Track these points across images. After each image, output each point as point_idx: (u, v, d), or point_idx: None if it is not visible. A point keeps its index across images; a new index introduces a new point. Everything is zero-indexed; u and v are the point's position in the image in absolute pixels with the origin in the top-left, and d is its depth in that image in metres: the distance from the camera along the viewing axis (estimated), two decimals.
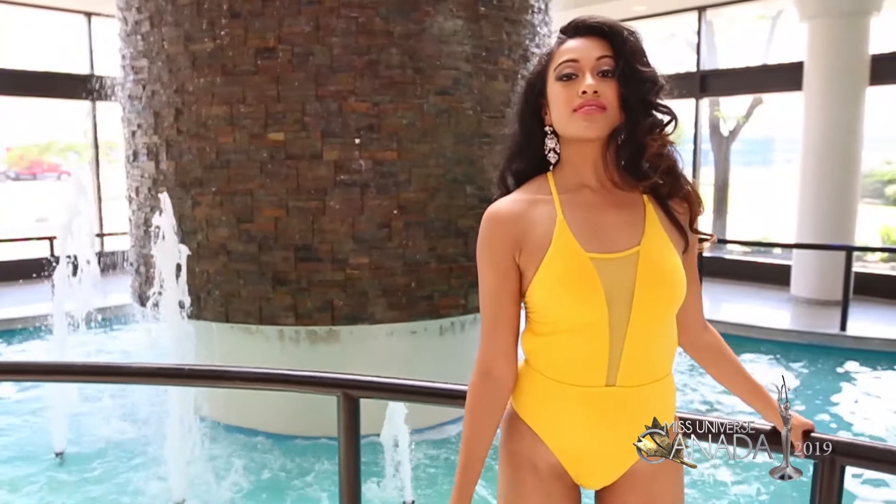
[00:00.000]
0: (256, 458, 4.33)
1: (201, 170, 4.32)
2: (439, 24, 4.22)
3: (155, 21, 4.42)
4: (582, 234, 1.30)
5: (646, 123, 1.29)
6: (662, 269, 1.30)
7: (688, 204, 1.36)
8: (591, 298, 1.27)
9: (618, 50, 1.29)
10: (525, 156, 1.40)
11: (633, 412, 1.32)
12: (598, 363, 1.30)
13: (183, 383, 2.44)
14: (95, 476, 4.08)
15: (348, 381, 2.02)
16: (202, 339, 4.86)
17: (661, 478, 1.38)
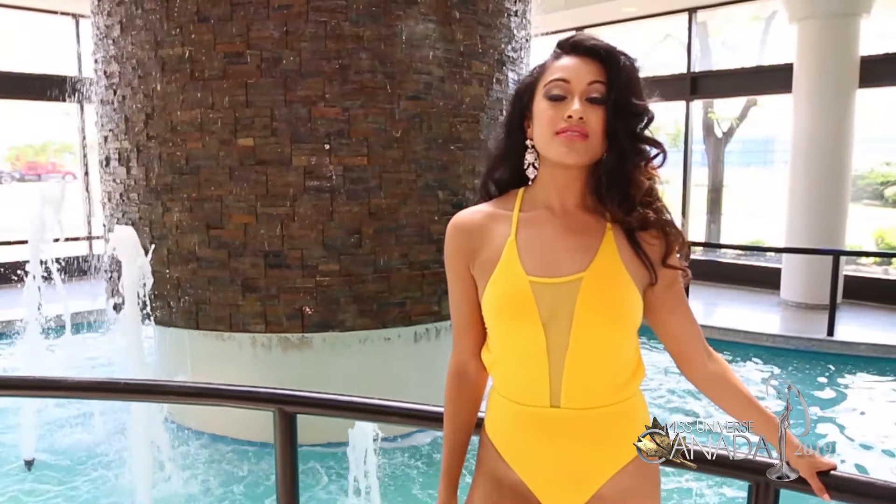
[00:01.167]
0: (224, 465, 4.29)
1: (171, 175, 4.28)
2: (410, 29, 4.17)
3: (125, 25, 4.38)
4: (528, 256, 1.30)
5: (634, 157, 1.27)
6: (607, 298, 1.28)
7: (664, 238, 1.32)
8: (525, 321, 1.28)
9: (612, 77, 1.26)
10: (507, 165, 1.40)
11: (583, 435, 1.31)
12: (540, 384, 1.30)
13: (118, 398, 2.40)
14: (65, 484, 4.04)
15: (283, 397, 1.99)
16: (176, 346, 4.83)
17: (632, 501, 1.35)
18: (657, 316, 1.37)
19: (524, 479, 1.36)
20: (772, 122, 14.35)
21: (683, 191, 10.21)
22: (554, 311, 1.27)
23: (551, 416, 1.30)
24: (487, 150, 1.10)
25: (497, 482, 1.38)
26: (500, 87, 4.75)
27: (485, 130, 4.59)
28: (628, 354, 1.34)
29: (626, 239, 1.31)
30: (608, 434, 1.32)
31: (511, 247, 1.31)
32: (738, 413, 1.41)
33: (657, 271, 1.32)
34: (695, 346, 1.39)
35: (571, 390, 1.29)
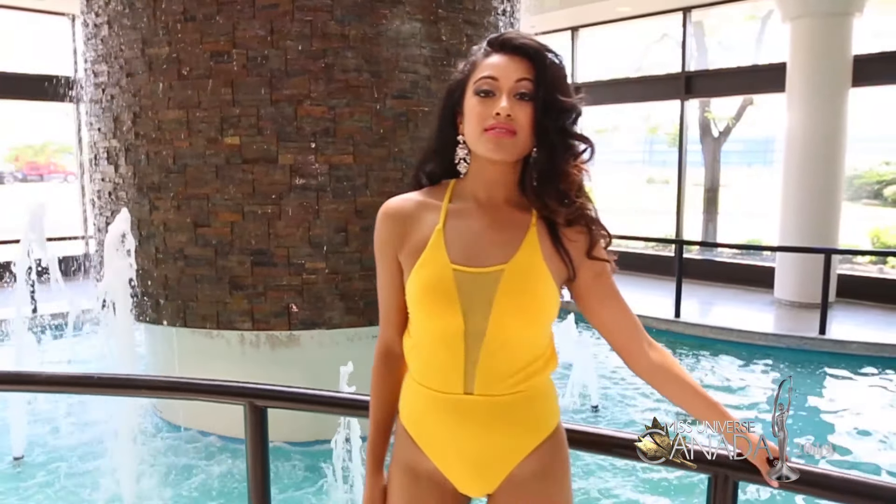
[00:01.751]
0: (209, 461, 4.31)
1: (159, 174, 4.30)
2: (396, 27, 4.19)
3: (113, 25, 4.40)
4: (454, 245, 1.34)
5: (564, 153, 1.32)
6: (525, 291, 1.32)
7: (588, 232, 1.37)
8: (446, 308, 1.32)
9: (539, 75, 1.30)
10: (439, 159, 1.43)
11: (496, 420, 1.35)
12: (455, 371, 1.34)
13: (91, 392, 2.42)
14: (53, 480, 4.06)
15: (254, 391, 2.01)
16: (165, 344, 4.86)
17: (544, 484, 1.39)
18: (589, 308, 1.42)
19: (439, 467, 1.40)
20: (771, 122, 14.36)
21: (679, 190, 10.22)
22: (474, 300, 1.31)
23: (465, 402, 1.34)
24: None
25: (413, 472, 1.42)
26: None
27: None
28: (542, 345, 1.39)
29: (548, 235, 1.36)
30: (520, 419, 1.36)
31: (438, 235, 1.35)
32: (684, 402, 1.43)
33: (576, 267, 1.37)
34: (633, 337, 1.43)
35: (485, 378, 1.33)
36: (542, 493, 1.40)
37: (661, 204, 11.77)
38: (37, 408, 4.95)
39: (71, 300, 4.85)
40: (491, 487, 1.41)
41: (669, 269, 8.91)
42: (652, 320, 7.68)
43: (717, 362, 6.66)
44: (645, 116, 16.79)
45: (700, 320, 7.68)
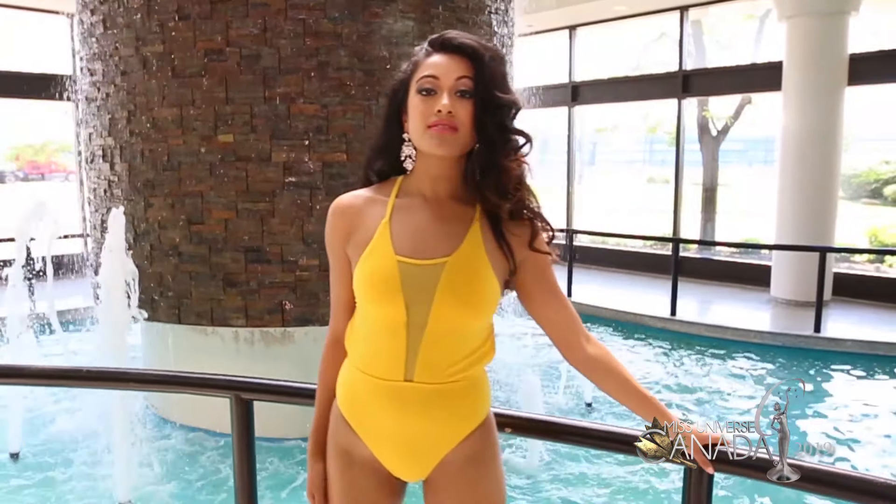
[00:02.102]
0: (205, 458, 4.34)
1: (153, 172, 4.33)
2: (389, 26, 4.21)
3: (108, 23, 4.43)
4: (400, 238, 1.39)
5: (502, 148, 1.36)
6: (466, 283, 1.37)
7: (529, 225, 1.42)
8: (390, 298, 1.36)
9: (478, 73, 1.35)
10: (386, 157, 1.48)
11: (432, 407, 1.40)
12: (396, 359, 1.39)
13: (81, 385, 2.45)
14: (50, 476, 4.09)
15: (240, 384, 2.03)
16: (160, 341, 4.89)
17: (475, 469, 1.45)
18: (530, 302, 1.48)
19: (374, 452, 1.45)
20: (770, 121, 14.35)
21: (676, 188, 10.23)
22: (417, 291, 1.36)
23: (404, 389, 1.39)
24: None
25: (348, 455, 1.47)
26: None
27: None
28: (481, 337, 1.44)
29: (491, 229, 1.41)
30: (455, 407, 1.42)
31: (384, 228, 1.40)
32: (621, 396, 1.49)
33: (518, 261, 1.41)
34: (572, 330, 1.48)
35: (425, 366, 1.39)
36: (474, 477, 1.46)
37: (661, 203, 11.79)
38: (32, 404, 4.97)
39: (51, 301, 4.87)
40: (424, 473, 1.47)
41: (668, 267, 8.93)
42: (647, 318, 7.71)
43: (712, 360, 6.68)
44: (644, 115, 16.81)
45: (696, 318, 7.70)
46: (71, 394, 5.13)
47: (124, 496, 3.74)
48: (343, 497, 1.49)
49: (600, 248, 11.23)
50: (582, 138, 17.49)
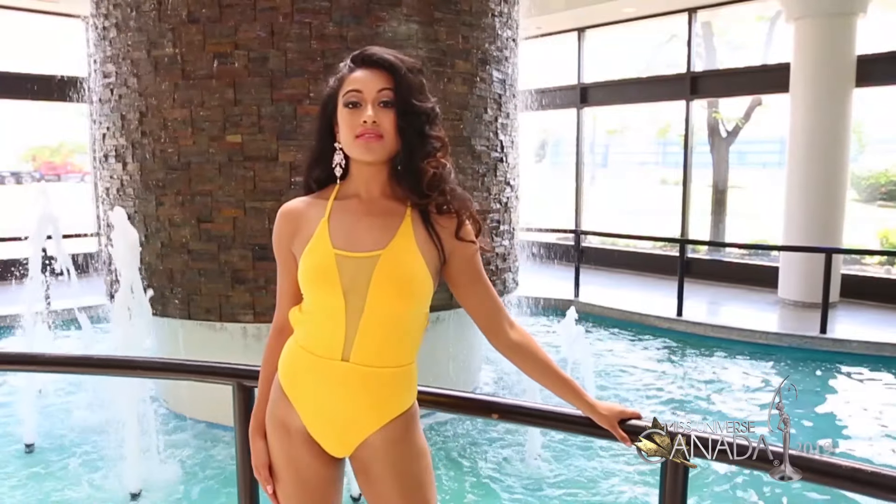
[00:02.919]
0: (213, 451, 4.44)
1: (164, 171, 4.45)
2: (393, 29, 4.31)
3: (121, 27, 4.56)
4: (337, 234, 1.53)
5: (421, 151, 1.51)
6: (398, 273, 1.50)
7: (455, 217, 1.56)
8: (329, 286, 1.50)
9: (397, 84, 1.49)
10: (322, 165, 1.62)
11: (363, 388, 1.53)
12: (335, 339, 1.52)
13: (92, 372, 2.56)
14: (63, 467, 4.21)
15: (242, 371, 2.12)
16: (171, 336, 5.00)
17: (398, 452, 1.57)
18: (459, 290, 1.62)
19: (305, 425, 1.58)
20: (782, 122, 14.28)
21: (684, 190, 10.25)
22: (354, 281, 1.50)
23: (340, 368, 1.52)
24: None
25: (285, 427, 1.60)
26: (485, 86, 4.87)
27: (468, 128, 4.72)
28: (415, 326, 1.57)
29: (422, 223, 1.55)
30: (384, 391, 1.55)
31: (323, 225, 1.55)
32: (541, 379, 1.63)
33: (447, 251, 1.56)
34: (496, 317, 1.62)
35: (361, 348, 1.52)
36: (397, 458, 1.57)
37: (673, 205, 11.80)
38: (45, 397, 5.10)
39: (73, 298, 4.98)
40: (348, 450, 1.59)
41: (677, 269, 8.95)
42: (653, 318, 7.75)
43: (717, 361, 6.71)
44: (654, 117, 16.80)
45: (702, 319, 7.72)
46: (82, 387, 5.26)
47: (135, 486, 3.85)
48: (284, 467, 1.61)
49: (609, 250, 11.27)
50: (594, 140, 17.55)
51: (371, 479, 1.60)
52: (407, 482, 1.59)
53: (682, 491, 1.67)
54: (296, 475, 1.60)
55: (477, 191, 4.82)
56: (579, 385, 1.62)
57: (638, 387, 5.94)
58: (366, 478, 1.61)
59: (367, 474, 1.60)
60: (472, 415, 2.00)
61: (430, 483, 1.63)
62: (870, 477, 1.49)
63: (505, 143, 5.14)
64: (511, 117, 5.28)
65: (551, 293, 8.51)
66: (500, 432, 4.78)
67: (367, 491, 1.64)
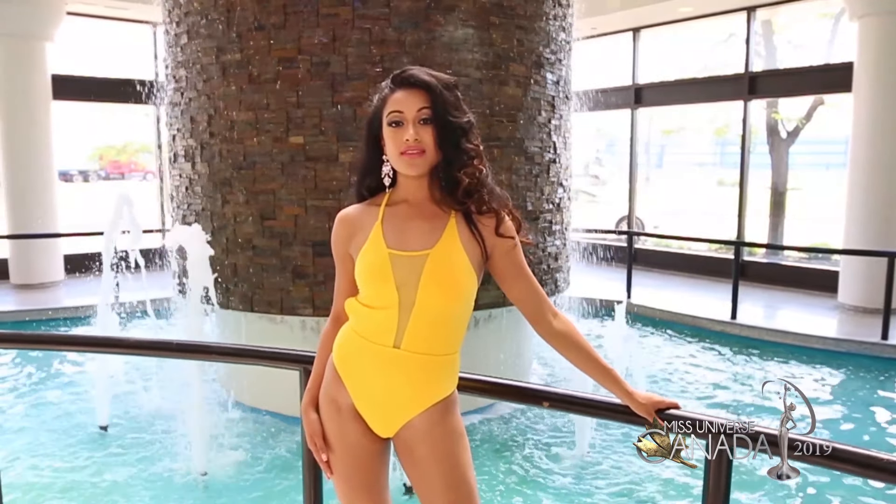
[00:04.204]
0: (273, 439, 4.65)
1: (230, 170, 4.68)
2: (450, 33, 4.43)
3: (192, 34, 4.81)
4: (390, 235, 1.71)
5: (458, 162, 1.68)
6: (445, 270, 1.67)
7: (495, 216, 1.71)
8: (384, 282, 1.68)
9: (434, 102, 1.66)
10: (371, 175, 1.79)
11: (411, 373, 1.69)
12: (389, 329, 1.69)
13: (170, 356, 2.76)
14: (134, 447, 4.48)
15: (308, 357, 2.24)
16: (234, 328, 5.24)
17: (437, 431, 1.72)
18: (504, 283, 1.77)
19: (355, 404, 1.75)
20: (846, 123, 13.85)
21: (741, 191, 10.09)
22: (406, 277, 1.67)
23: (390, 353, 1.69)
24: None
25: (336, 404, 1.77)
26: (539, 89, 4.95)
27: (522, 129, 4.81)
28: (460, 318, 1.74)
29: (465, 223, 1.71)
30: (429, 377, 1.71)
31: (377, 228, 1.72)
32: (583, 366, 1.77)
33: (489, 247, 1.71)
34: (540, 307, 1.77)
35: (412, 337, 1.68)
36: (437, 439, 1.71)
37: (729, 207, 11.60)
38: (118, 383, 5.41)
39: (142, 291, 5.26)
40: (391, 430, 1.74)
41: (730, 271, 8.83)
42: (706, 321, 7.67)
43: (773, 365, 6.61)
44: (712, 117, 16.52)
45: (757, 323, 7.61)
46: (151, 374, 5.55)
47: (201, 468, 4.08)
48: (335, 440, 1.78)
49: (663, 252, 11.16)
50: (649, 140, 17.34)
51: (414, 459, 1.74)
52: (447, 462, 1.72)
53: (726, 486, 1.71)
54: (346, 448, 1.77)
55: (529, 191, 4.90)
56: (619, 374, 1.73)
57: (690, 388, 5.92)
58: (409, 458, 1.75)
59: (409, 455, 1.75)
60: (524, 403, 2.10)
61: (468, 463, 1.76)
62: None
63: (558, 144, 5.21)
64: (564, 119, 5.34)
65: (603, 294, 8.50)
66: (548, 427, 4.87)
67: (410, 471, 1.78)
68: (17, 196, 9.41)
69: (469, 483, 1.76)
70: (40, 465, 4.20)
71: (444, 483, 1.73)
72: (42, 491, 3.91)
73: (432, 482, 1.74)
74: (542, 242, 5.02)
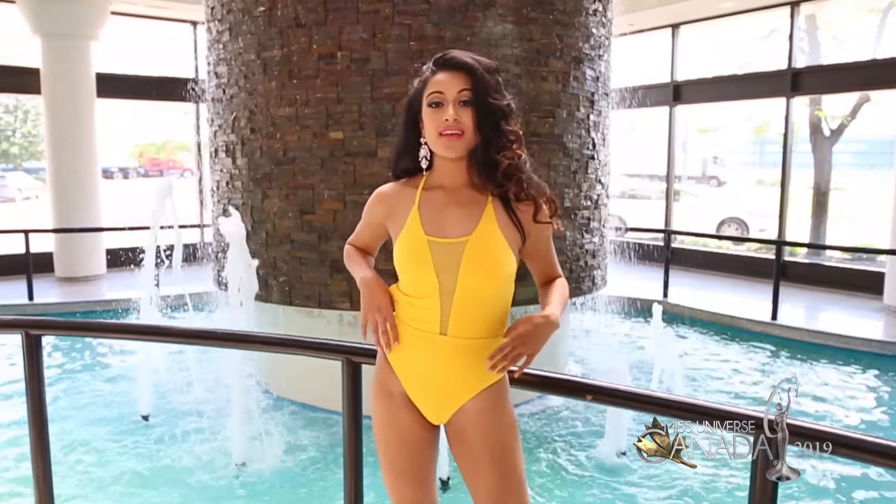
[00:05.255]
0: (308, 430, 4.70)
1: (270, 166, 4.73)
2: (489, 29, 4.42)
3: (234, 31, 4.87)
4: (428, 221, 1.71)
5: (497, 144, 1.67)
6: (485, 255, 1.67)
7: (532, 203, 1.71)
8: (423, 269, 1.69)
9: (475, 84, 1.66)
10: (408, 157, 1.80)
11: (460, 358, 1.70)
12: (433, 316, 1.70)
13: (215, 344, 2.80)
14: (175, 436, 4.57)
15: (351, 348, 2.27)
16: (271, 322, 5.30)
17: (490, 419, 1.73)
18: (529, 259, 1.82)
19: (407, 391, 1.77)
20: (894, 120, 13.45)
21: (782, 190, 9.88)
22: (445, 264, 1.68)
23: (438, 340, 1.71)
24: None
25: (388, 391, 1.80)
26: (578, 84, 4.91)
27: (560, 125, 4.77)
28: (503, 300, 1.74)
29: (503, 208, 1.71)
30: (479, 360, 1.68)
31: (415, 214, 1.73)
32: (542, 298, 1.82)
33: (526, 230, 1.73)
34: (548, 274, 1.84)
35: (457, 323, 1.69)
36: (489, 425, 1.73)
37: (769, 206, 11.36)
38: (159, 373, 5.52)
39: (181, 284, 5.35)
40: (444, 417, 1.76)
41: (772, 272, 8.67)
42: (745, 322, 7.54)
43: (815, 368, 6.46)
44: (749, 116, 16.22)
45: (799, 324, 7.45)
46: (191, 365, 5.66)
47: (239, 458, 4.14)
48: (387, 427, 1.80)
49: (700, 251, 11.00)
50: (685, 139, 17.08)
51: (464, 444, 1.75)
52: (497, 448, 1.73)
53: (773, 487, 1.68)
54: (397, 435, 1.79)
55: (568, 187, 4.87)
56: (557, 302, 1.76)
57: (730, 390, 5.82)
58: (459, 444, 1.77)
59: (460, 440, 1.76)
60: (567, 395, 2.09)
61: (517, 450, 1.77)
62: None
63: (596, 140, 5.16)
64: (603, 115, 5.29)
65: (639, 293, 8.41)
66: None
67: (460, 457, 1.79)
68: (62, 191, 9.65)
69: (518, 472, 1.77)
70: (85, 453, 4.31)
71: (493, 470, 1.74)
72: (84, 476, 4.02)
73: (482, 469, 1.75)
74: (580, 239, 4.98)
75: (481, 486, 1.75)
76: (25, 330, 2.38)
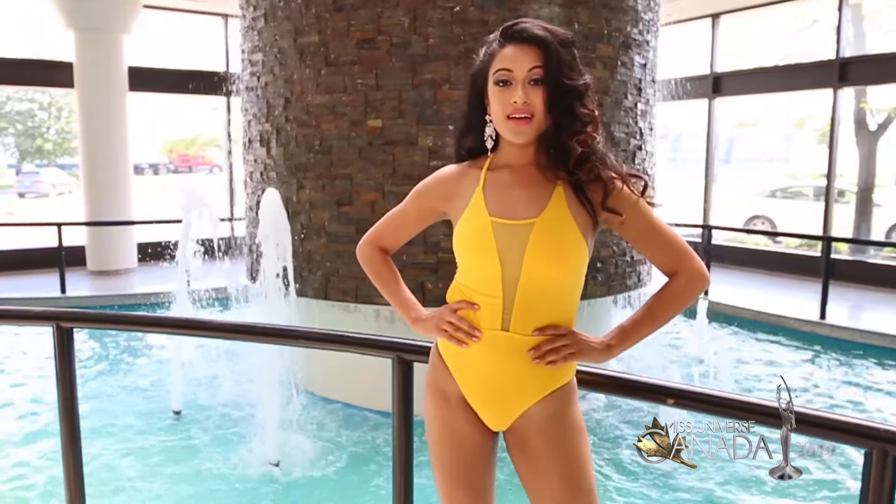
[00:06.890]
0: (347, 430, 4.56)
1: (306, 155, 4.59)
2: (535, 12, 4.22)
3: (269, 17, 4.74)
4: (492, 202, 1.55)
5: (569, 128, 1.50)
6: (553, 241, 1.50)
7: (602, 187, 1.52)
8: (486, 253, 1.52)
9: (548, 61, 1.47)
10: (472, 136, 1.64)
11: (522, 357, 1.52)
12: (494, 309, 1.53)
13: (255, 340, 2.65)
14: (207, 432, 4.47)
15: (402, 345, 2.12)
16: (307, 316, 5.17)
17: (556, 427, 1.56)
18: (639, 248, 1.63)
19: (465, 393, 1.60)
20: None
21: (828, 184, 9.54)
22: (509, 248, 1.51)
23: (501, 338, 1.53)
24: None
25: (444, 394, 1.64)
26: (626, 71, 4.69)
27: (608, 113, 4.56)
28: (570, 293, 1.56)
29: (573, 191, 1.53)
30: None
31: (479, 194, 1.57)
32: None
33: (599, 217, 1.54)
34: (666, 265, 1.59)
35: (521, 316, 1.52)
36: (556, 433, 1.56)
37: (802, 203, 11.01)
38: (191, 369, 5.43)
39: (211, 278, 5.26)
40: (507, 422, 1.59)
41: (813, 269, 8.35)
42: (792, 321, 7.25)
43: (867, 369, 6.18)
44: (790, 110, 15.79)
45: (848, 323, 7.14)
46: (223, 361, 5.56)
47: (273, 457, 4.01)
48: (442, 433, 1.64)
49: (740, 248, 10.69)
50: (722, 133, 16.68)
51: (528, 453, 1.58)
52: (565, 458, 1.56)
53: (891, 481, 1.49)
54: (454, 442, 1.63)
55: None
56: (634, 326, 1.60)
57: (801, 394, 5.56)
58: (522, 452, 1.60)
59: (523, 448, 1.59)
60: (645, 399, 1.90)
61: (588, 462, 1.60)
62: None
63: (644, 129, 4.95)
64: (650, 104, 5.07)
65: None
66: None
67: (523, 466, 1.62)
68: (94, 186, 9.66)
69: (588, 481, 1.59)
70: (117, 449, 4.22)
71: (562, 480, 1.56)
72: (113, 473, 3.92)
73: (548, 479, 1.57)
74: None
75: (547, 497, 1.58)
76: (57, 322, 2.25)
